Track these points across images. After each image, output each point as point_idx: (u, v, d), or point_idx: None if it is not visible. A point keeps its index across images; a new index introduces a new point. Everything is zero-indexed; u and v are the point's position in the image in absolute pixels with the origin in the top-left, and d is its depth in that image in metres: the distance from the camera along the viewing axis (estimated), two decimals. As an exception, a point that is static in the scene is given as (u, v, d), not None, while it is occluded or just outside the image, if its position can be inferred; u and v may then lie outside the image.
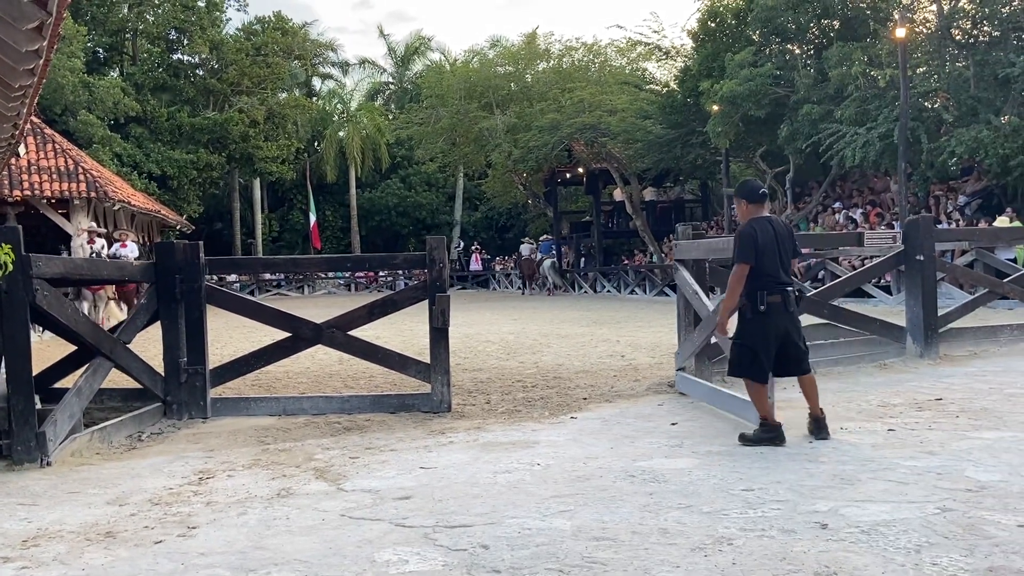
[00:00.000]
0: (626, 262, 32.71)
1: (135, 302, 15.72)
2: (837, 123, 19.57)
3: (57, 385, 7.14)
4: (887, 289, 17.08)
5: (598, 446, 5.71)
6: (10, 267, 4.78)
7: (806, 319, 8.76)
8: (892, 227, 18.38)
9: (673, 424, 6.33)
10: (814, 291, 10.28)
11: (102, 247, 16.57)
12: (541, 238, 36.62)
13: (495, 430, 6.46)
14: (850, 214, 21.65)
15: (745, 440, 5.49)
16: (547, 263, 33.56)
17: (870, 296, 16.96)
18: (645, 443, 5.74)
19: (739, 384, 6.01)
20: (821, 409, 5.62)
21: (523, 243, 36.30)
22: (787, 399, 6.99)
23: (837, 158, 19.67)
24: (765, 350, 5.53)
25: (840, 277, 17.52)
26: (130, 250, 17.24)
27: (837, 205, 22.91)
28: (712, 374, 7.90)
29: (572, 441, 5.93)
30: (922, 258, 8.70)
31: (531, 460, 5.36)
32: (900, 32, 17.09)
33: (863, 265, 16.92)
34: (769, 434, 5.45)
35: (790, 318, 5.60)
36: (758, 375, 5.55)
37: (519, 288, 35.64)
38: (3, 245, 4.79)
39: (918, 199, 20.04)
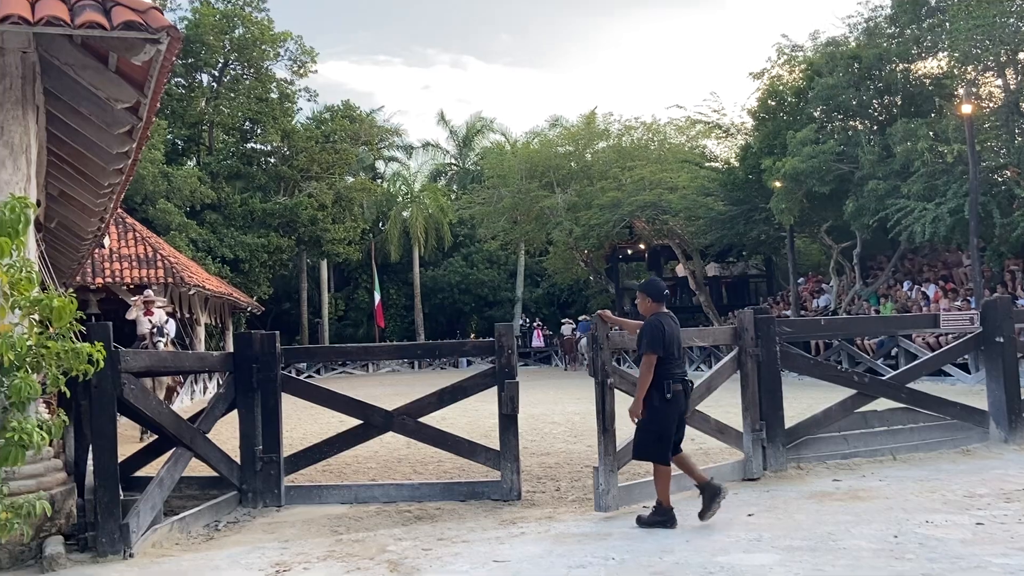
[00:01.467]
0: (690, 339, 32.38)
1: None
2: (904, 199, 19.34)
3: (138, 473, 7.31)
4: (965, 367, 16.58)
5: (673, 538, 5.61)
6: (101, 363, 4.98)
7: (883, 403, 8.60)
8: (968, 303, 17.94)
9: (750, 515, 6.19)
10: (891, 373, 10.07)
11: (165, 320, 14.61)
12: (580, 318, 37.23)
13: (567, 520, 6.40)
14: (922, 289, 21.20)
15: (641, 522, 6.03)
16: (583, 341, 34.21)
17: (947, 375, 16.48)
18: (722, 536, 5.62)
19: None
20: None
21: (563, 324, 37.55)
22: (868, 487, 6.80)
23: (906, 233, 19.38)
24: (669, 434, 6.12)
25: (913, 354, 17.24)
26: (157, 318, 14.97)
27: (907, 284, 22.46)
28: (787, 461, 7.74)
29: (646, 533, 5.84)
30: (1002, 340, 8.48)
31: (605, 554, 5.29)
32: (966, 108, 16.95)
33: (937, 340, 16.50)
34: (663, 517, 5.99)
35: (685, 405, 6.31)
36: (663, 458, 6.11)
37: (562, 366, 36.48)
38: (95, 343, 5.00)
39: (993, 274, 19.56)
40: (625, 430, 6.64)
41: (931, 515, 5.81)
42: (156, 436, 11.44)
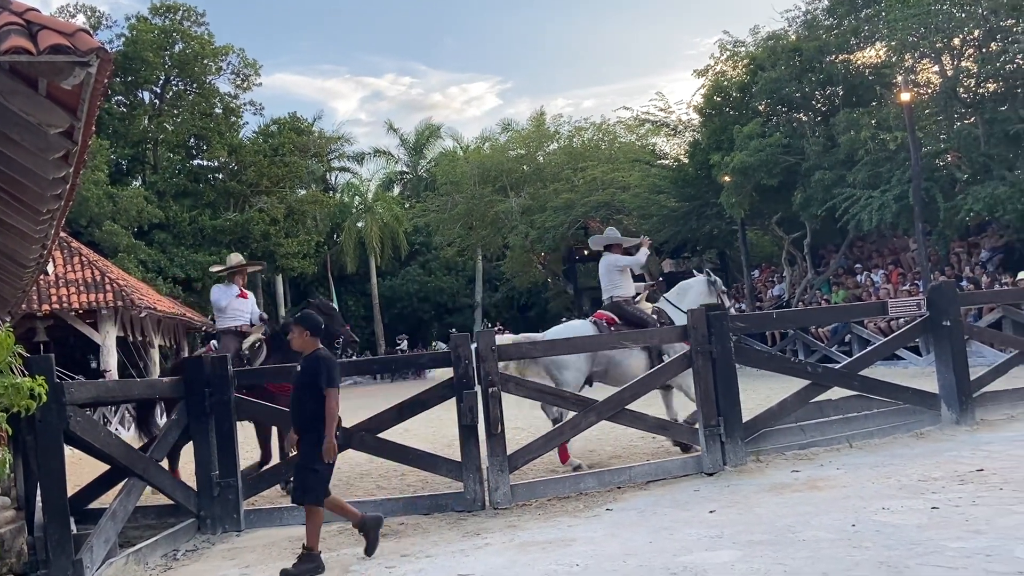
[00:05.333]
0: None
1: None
2: (850, 187, 19.68)
3: (92, 505, 7.14)
4: (916, 350, 16.89)
5: (636, 540, 5.62)
6: (44, 398, 4.86)
7: (839, 391, 8.70)
8: (917, 287, 18.29)
9: (711, 512, 6.22)
10: (845, 360, 10.20)
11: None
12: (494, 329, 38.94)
13: (531, 527, 6.38)
14: (871, 276, 21.58)
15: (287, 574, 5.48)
16: None
17: (900, 358, 16.77)
18: (684, 534, 5.64)
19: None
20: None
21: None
22: (826, 476, 6.88)
23: (853, 222, 19.71)
24: (330, 474, 5.86)
25: (866, 339, 17.54)
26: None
27: (858, 267, 22.87)
28: (746, 455, 7.81)
29: (610, 536, 5.83)
30: (948, 323, 8.64)
31: (570, 560, 5.28)
32: (905, 96, 17.29)
33: (889, 325, 16.80)
34: (313, 564, 5.57)
35: None
36: (322, 499, 5.77)
37: None
38: (36, 376, 4.87)
39: (940, 257, 19.97)
40: (511, 433, 7.20)
41: (887, 501, 5.88)
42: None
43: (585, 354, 8.72)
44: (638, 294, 9.78)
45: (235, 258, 10.44)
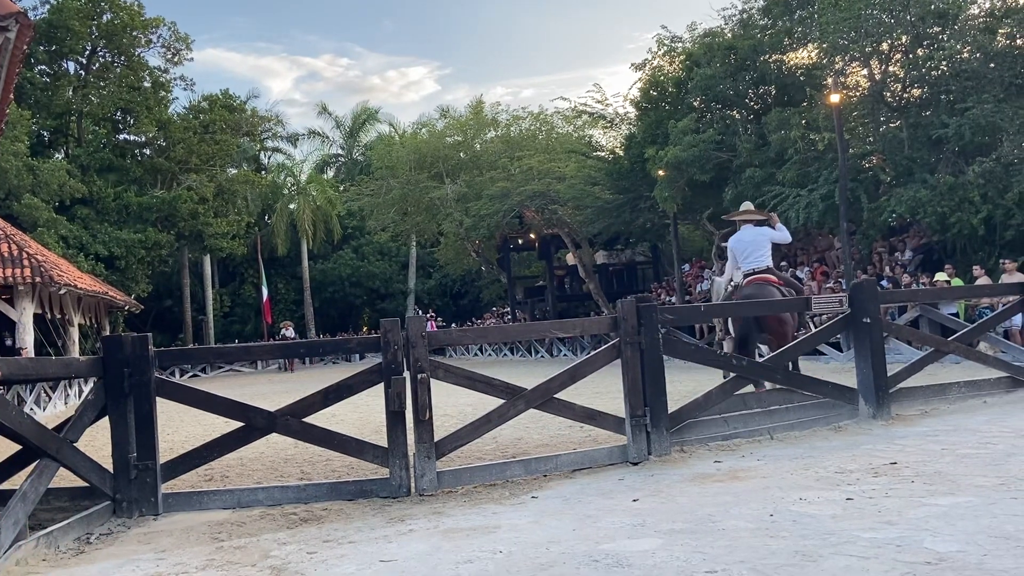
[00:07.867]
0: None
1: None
2: (780, 185, 20.11)
3: (1, 487, 6.88)
4: (837, 345, 17.38)
5: (560, 528, 5.64)
6: (-50, 374, 4.65)
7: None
8: (840, 284, 18.79)
9: (635, 501, 6.29)
10: (769, 354, 10.41)
11: None
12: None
13: (455, 514, 6.36)
14: (797, 272, 22.09)
15: None
16: None
17: (821, 353, 17.23)
18: (608, 523, 5.68)
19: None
20: None
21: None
22: (747, 467, 7.01)
23: (782, 219, 20.13)
24: None
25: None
26: None
27: (784, 264, 23.38)
28: (671, 445, 7.92)
29: (534, 524, 5.85)
30: (868, 320, 8.88)
31: (493, 547, 5.27)
32: (834, 97, 17.72)
33: (812, 321, 17.24)
34: None
35: None
36: None
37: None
38: (-57, 352, 4.66)
39: (862, 256, 20.55)
40: (439, 420, 6.82)
41: (804, 492, 6.02)
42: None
43: None
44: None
45: (747, 205, 12.17)
